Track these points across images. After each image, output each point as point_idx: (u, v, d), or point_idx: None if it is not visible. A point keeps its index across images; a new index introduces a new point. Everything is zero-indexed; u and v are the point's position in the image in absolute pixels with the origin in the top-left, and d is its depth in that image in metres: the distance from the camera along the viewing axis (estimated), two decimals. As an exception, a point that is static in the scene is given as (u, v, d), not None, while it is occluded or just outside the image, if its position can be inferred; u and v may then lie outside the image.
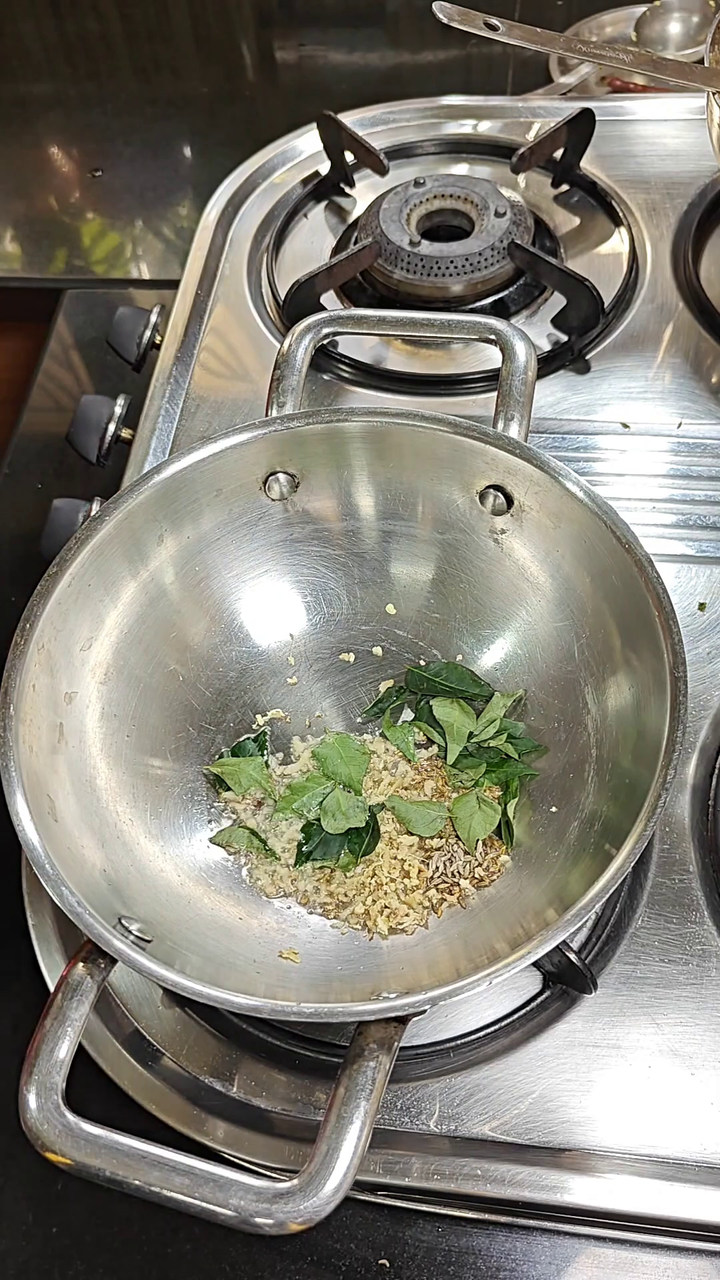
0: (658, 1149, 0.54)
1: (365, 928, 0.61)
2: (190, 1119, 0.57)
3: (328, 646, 0.71)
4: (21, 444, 1.01)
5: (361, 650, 0.71)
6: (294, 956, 0.58)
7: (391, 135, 1.04)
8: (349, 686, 0.70)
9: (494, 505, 0.65)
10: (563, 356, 0.85)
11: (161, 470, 0.63)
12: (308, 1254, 0.56)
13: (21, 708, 0.55)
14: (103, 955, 0.48)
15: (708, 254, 0.91)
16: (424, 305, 0.89)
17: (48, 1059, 0.45)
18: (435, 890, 0.61)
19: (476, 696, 0.67)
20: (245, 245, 0.98)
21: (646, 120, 1.01)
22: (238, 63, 1.41)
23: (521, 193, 0.97)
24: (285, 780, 0.66)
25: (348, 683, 0.70)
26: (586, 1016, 0.58)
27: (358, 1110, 0.43)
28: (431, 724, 0.66)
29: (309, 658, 0.70)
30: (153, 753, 0.64)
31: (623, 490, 0.77)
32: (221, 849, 0.64)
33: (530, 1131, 0.55)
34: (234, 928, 0.60)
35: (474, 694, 0.66)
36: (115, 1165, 0.43)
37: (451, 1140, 0.55)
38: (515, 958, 0.47)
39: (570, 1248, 0.55)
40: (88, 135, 1.32)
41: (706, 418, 0.80)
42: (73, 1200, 0.60)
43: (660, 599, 0.56)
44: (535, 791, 0.63)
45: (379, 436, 0.66)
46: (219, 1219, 0.41)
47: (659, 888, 0.61)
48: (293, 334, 0.71)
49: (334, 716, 0.69)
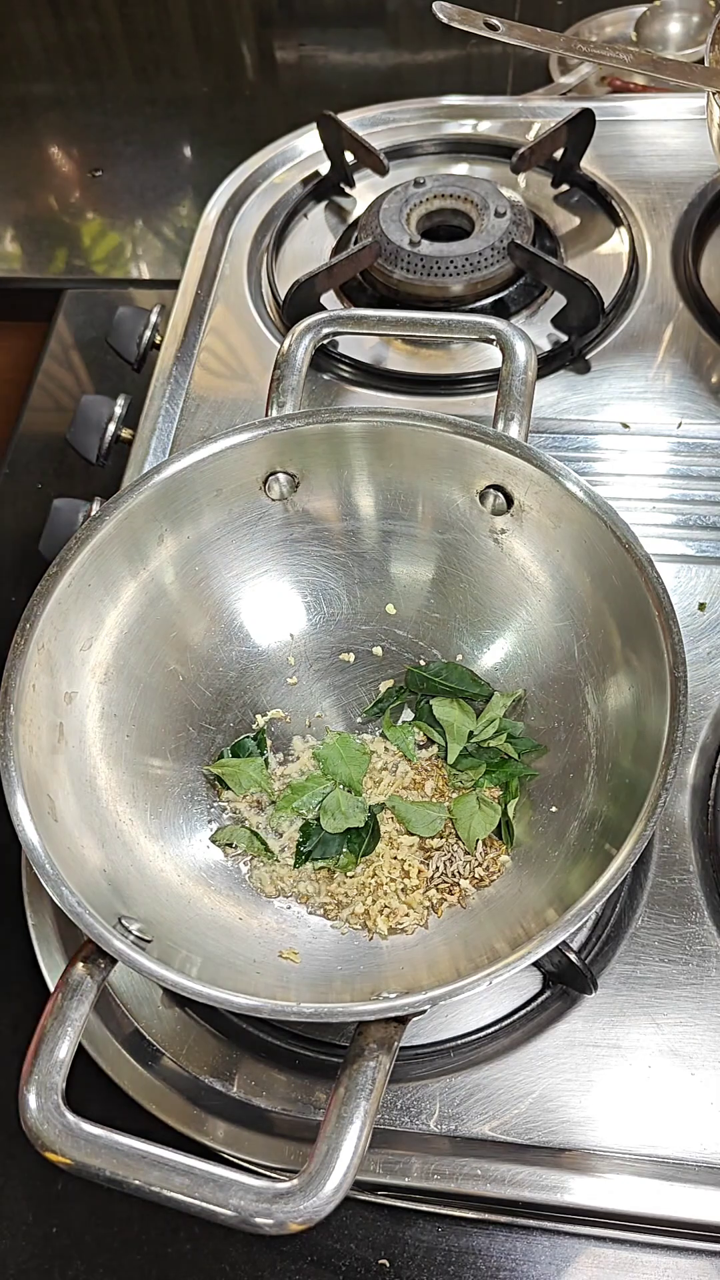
0: (658, 1149, 0.54)
1: (365, 928, 0.61)
2: (190, 1119, 0.57)
3: (328, 646, 0.71)
4: (21, 444, 1.01)
5: (361, 650, 0.71)
6: (294, 956, 0.58)
7: (391, 135, 1.04)
8: (349, 686, 0.70)
9: (494, 505, 0.65)
10: (563, 356, 0.85)
11: (161, 470, 0.63)
12: (308, 1254, 0.56)
13: (21, 708, 0.55)
14: (103, 955, 0.48)
15: (708, 254, 0.91)
16: (424, 305, 0.89)
17: (47, 1059, 0.45)
18: (435, 890, 0.61)
19: (476, 696, 0.67)
20: (245, 245, 0.98)
21: (646, 120, 1.01)
22: (238, 63, 1.41)
23: (521, 193, 0.97)
24: (285, 780, 0.66)
25: (348, 683, 0.70)
26: (587, 1016, 0.58)
27: (357, 1110, 0.43)
28: (432, 724, 0.66)
29: (309, 658, 0.70)
30: (153, 753, 0.64)
31: (623, 490, 0.77)
32: (221, 849, 0.64)
33: (530, 1131, 0.55)
34: (234, 928, 0.60)
35: (474, 694, 0.66)
36: (115, 1165, 0.43)
37: (451, 1140, 0.55)
38: (515, 958, 0.47)
39: (570, 1248, 0.55)
40: (88, 135, 1.32)
41: (706, 418, 0.80)
42: (73, 1200, 0.60)
43: (660, 599, 0.56)
44: (535, 791, 0.63)
45: (379, 436, 0.66)
46: (219, 1219, 0.41)
47: (659, 888, 0.61)
48: (293, 334, 0.71)
49: (334, 716, 0.69)
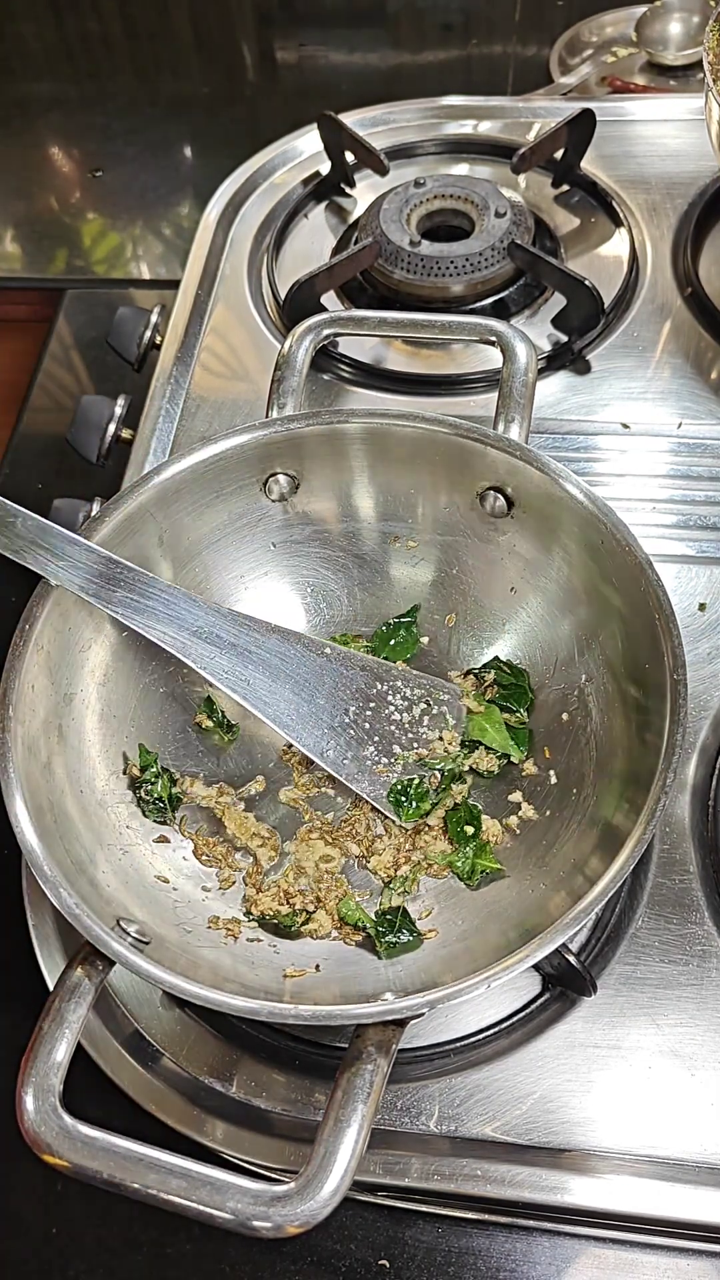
0: (658, 1149, 0.54)
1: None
2: (190, 1119, 0.57)
3: (327, 647, 0.71)
4: (21, 444, 1.01)
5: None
6: (297, 975, 0.58)
7: (392, 135, 1.04)
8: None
9: (494, 507, 0.65)
10: (563, 357, 0.85)
11: (161, 470, 0.63)
12: (308, 1254, 0.56)
13: (20, 708, 0.55)
14: (100, 957, 0.48)
15: (707, 254, 0.91)
16: (424, 305, 0.89)
17: (45, 1061, 0.45)
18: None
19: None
20: (246, 245, 0.98)
21: (647, 120, 1.01)
22: (238, 63, 1.41)
23: (522, 193, 0.97)
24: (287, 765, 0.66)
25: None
26: (587, 1017, 0.57)
27: (355, 1113, 0.43)
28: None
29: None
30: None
31: (623, 491, 0.77)
32: (215, 862, 0.64)
33: (530, 1132, 0.55)
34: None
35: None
36: (113, 1168, 0.43)
37: (451, 1141, 0.55)
38: (514, 960, 0.47)
39: (570, 1248, 0.55)
40: (88, 135, 1.32)
41: (707, 418, 0.80)
42: (73, 1200, 0.60)
43: (660, 600, 0.56)
44: (535, 793, 0.63)
45: (379, 438, 0.66)
46: (216, 1222, 0.41)
47: (659, 888, 0.61)
48: (293, 335, 0.71)
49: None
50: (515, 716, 0.65)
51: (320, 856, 0.63)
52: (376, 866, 0.62)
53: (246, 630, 0.63)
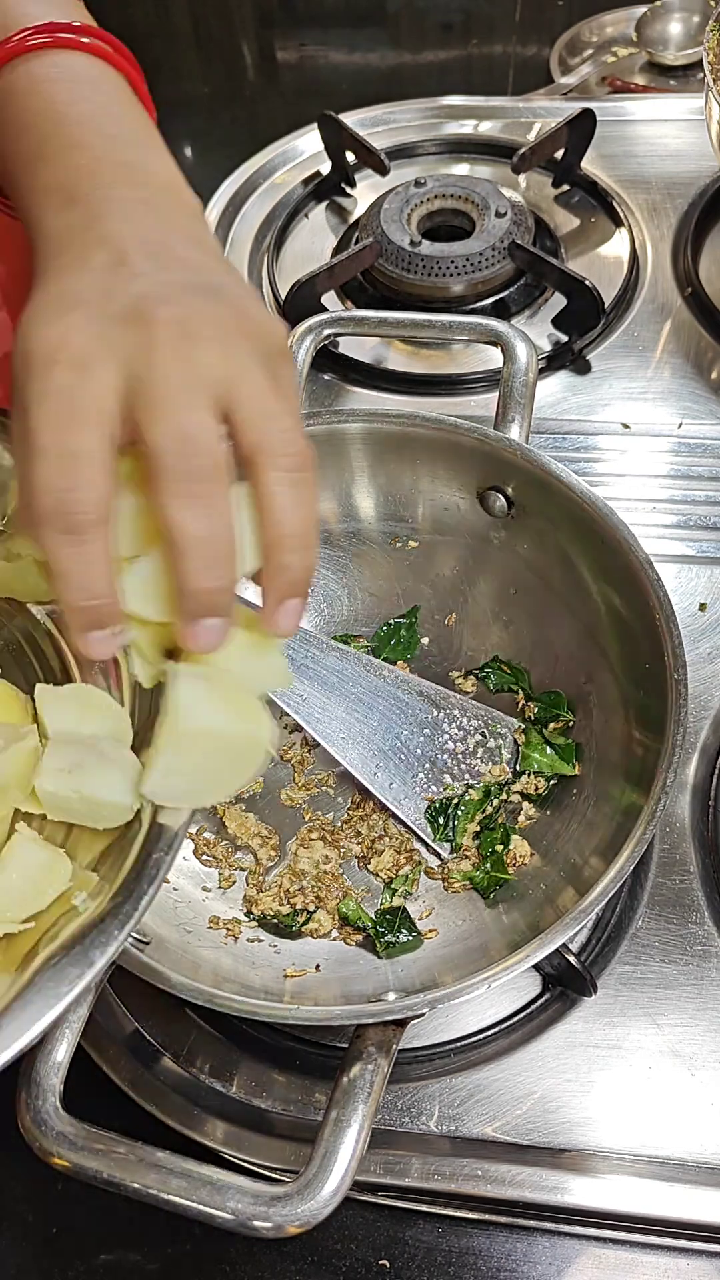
0: (658, 1150, 0.54)
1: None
2: (190, 1119, 0.57)
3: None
4: (22, 444, 1.01)
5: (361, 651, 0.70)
6: (296, 974, 0.58)
7: (392, 135, 1.04)
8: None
9: (494, 507, 0.65)
10: (563, 357, 0.85)
11: (161, 471, 0.63)
12: (308, 1254, 0.56)
13: (21, 709, 0.55)
14: (101, 957, 0.48)
15: (708, 254, 0.91)
16: (424, 305, 0.89)
17: (45, 1061, 0.45)
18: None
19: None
20: (246, 245, 0.98)
21: (647, 120, 1.01)
22: (238, 63, 1.41)
23: (522, 193, 0.97)
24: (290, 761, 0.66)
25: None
26: (587, 1017, 0.57)
27: (355, 1114, 0.43)
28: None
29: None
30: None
31: (623, 491, 0.77)
32: (215, 862, 0.64)
33: (530, 1132, 0.55)
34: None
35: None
36: (112, 1168, 0.43)
37: (452, 1141, 0.55)
38: (514, 961, 0.47)
39: (570, 1248, 0.55)
40: (88, 135, 1.31)
41: (707, 418, 0.80)
42: (73, 1200, 0.60)
43: (660, 600, 0.56)
44: (536, 793, 0.63)
45: (380, 438, 0.66)
46: (216, 1222, 0.41)
47: (659, 888, 0.61)
48: (294, 335, 0.71)
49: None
50: (559, 724, 0.64)
51: (321, 857, 0.63)
52: (377, 867, 0.62)
53: (303, 644, 0.63)
